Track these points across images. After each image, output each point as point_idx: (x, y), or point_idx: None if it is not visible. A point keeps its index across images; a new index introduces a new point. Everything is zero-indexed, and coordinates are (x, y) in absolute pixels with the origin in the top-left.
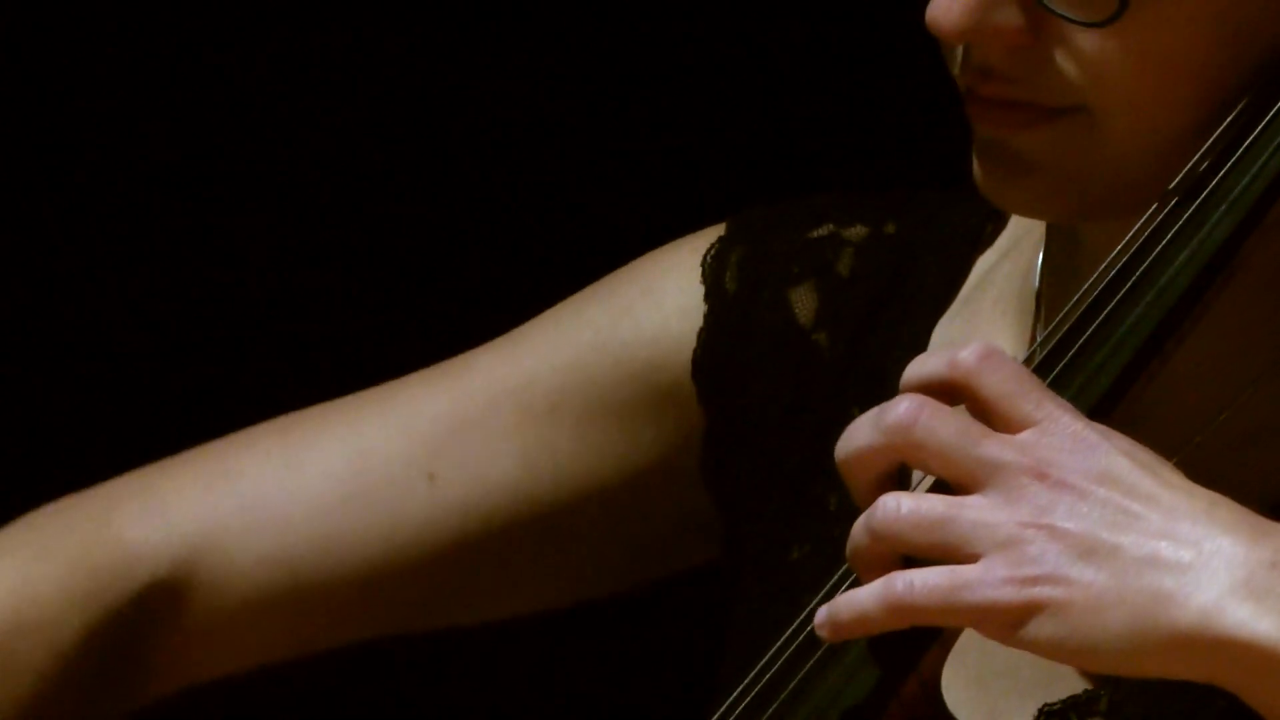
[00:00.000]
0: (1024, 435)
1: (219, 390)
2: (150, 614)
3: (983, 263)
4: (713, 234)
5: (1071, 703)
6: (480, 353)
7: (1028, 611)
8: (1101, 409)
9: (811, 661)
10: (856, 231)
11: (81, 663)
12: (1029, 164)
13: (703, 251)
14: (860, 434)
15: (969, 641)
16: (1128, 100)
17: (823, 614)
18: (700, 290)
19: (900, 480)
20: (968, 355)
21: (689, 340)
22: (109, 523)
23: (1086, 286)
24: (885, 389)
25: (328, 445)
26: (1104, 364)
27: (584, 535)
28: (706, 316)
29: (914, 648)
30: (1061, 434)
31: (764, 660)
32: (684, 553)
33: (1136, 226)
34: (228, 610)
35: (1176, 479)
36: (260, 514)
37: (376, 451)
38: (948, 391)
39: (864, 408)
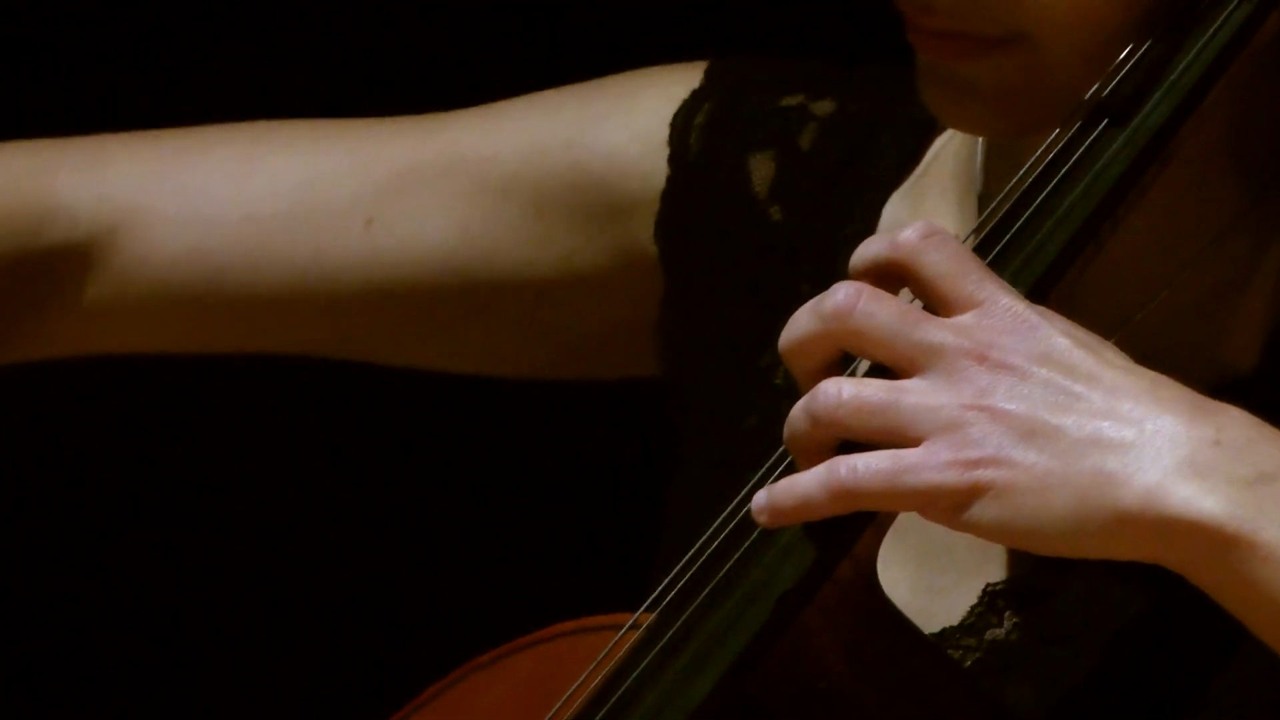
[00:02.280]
0: (964, 317)
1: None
2: (53, 274)
3: (937, 144)
4: (693, 76)
5: (1014, 584)
6: (452, 117)
7: (971, 494)
8: (1039, 290)
9: (747, 543)
10: (824, 106)
11: None
12: (972, 88)
13: (679, 96)
14: (801, 323)
15: (907, 520)
16: (1066, 25)
17: (761, 499)
18: (667, 144)
19: (844, 368)
20: (909, 235)
21: (650, 184)
22: (47, 172)
23: (1025, 169)
24: (836, 265)
25: (282, 164)
26: (1041, 245)
27: (510, 318)
28: (669, 180)
29: (849, 530)
30: (1001, 315)
31: (700, 540)
32: (611, 366)
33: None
34: (135, 292)
35: (1118, 358)
36: (197, 208)
37: (326, 183)
38: (892, 273)
39: (814, 283)
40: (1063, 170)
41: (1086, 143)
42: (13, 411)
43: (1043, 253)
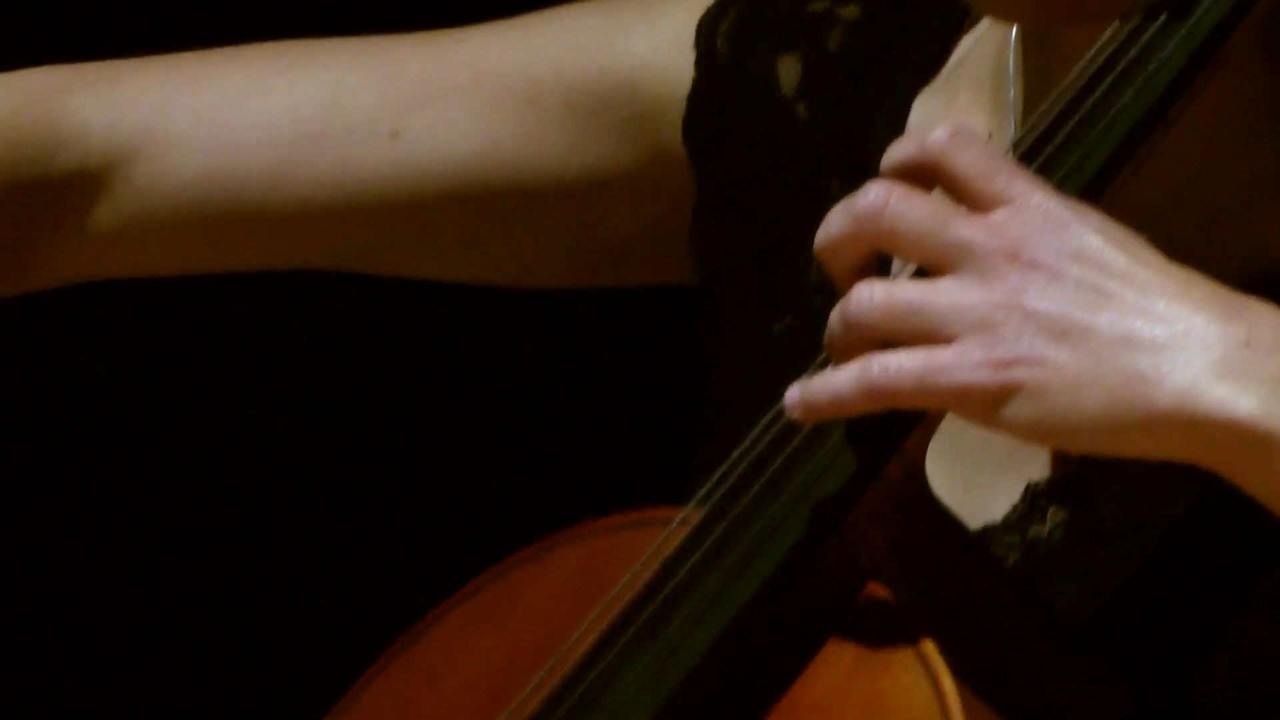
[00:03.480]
0: (996, 215)
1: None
2: (68, 200)
3: (965, 42)
4: None
5: (1057, 482)
6: (475, 30)
7: (1004, 394)
8: (1090, 194)
9: (795, 443)
10: (850, 11)
11: None
12: None
13: (704, 3)
14: (834, 222)
15: (947, 418)
16: None
17: (794, 394)
18: (693, 49)
19: (881, 268)
20: (938, 135)
21: (678, 89)
22: (58, 98)
23: (1076, 72)
24: (865, 164)
25: (300, 81)
26: (1094, 148)
27: (540, 228)
28: (696, 82)
29: (897, 429)
30: (1033, 212)
31: (748, 439)
32: (643, 273)
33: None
34: (152, 216)
35: (1150, 255)
36: (213, 129)
37: (347, 98)
38: (922, 174)
39: (844, 182)
40: (1116, 70)
41: (1141, 41)
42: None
43: (1094, 155)
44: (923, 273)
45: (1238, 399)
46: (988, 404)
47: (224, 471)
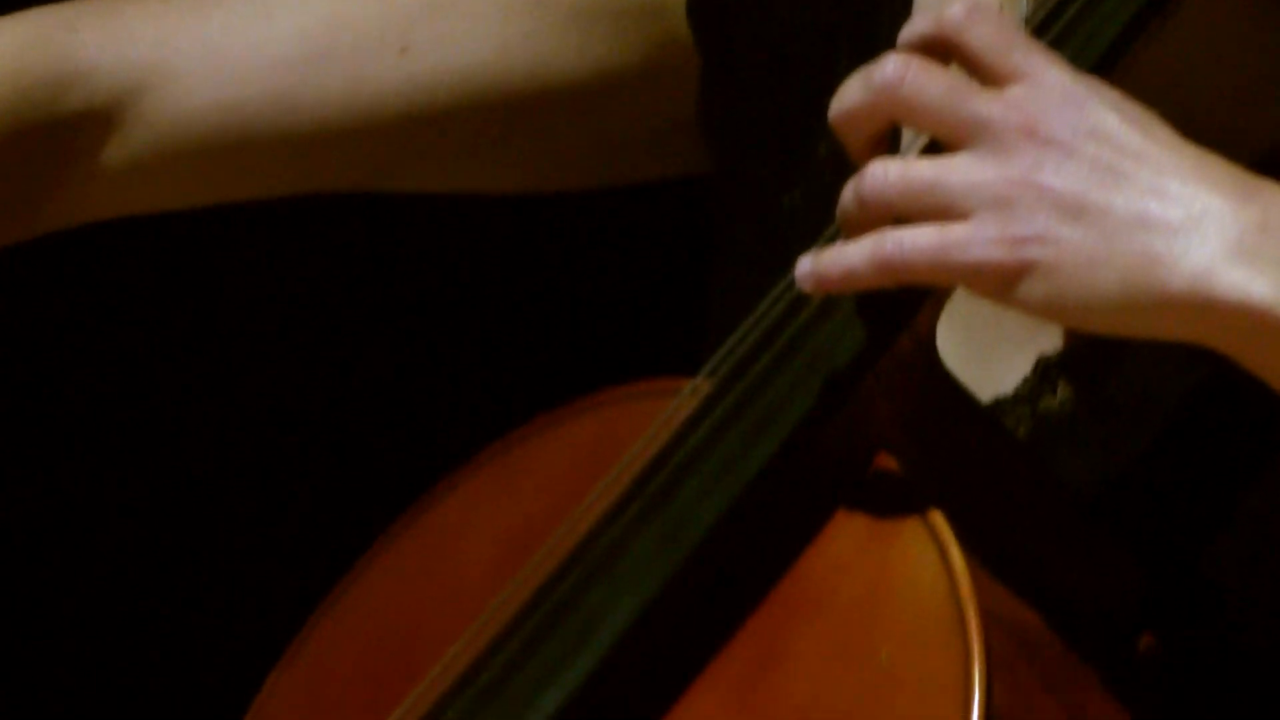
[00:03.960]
0: (1012, 90)
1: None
2: (77, 141)
3: None
4: None
5: (1068, 355)
6: None
7: (1018, 272)
8: (1101, 69)
9: (804, 315)
10: None
11: None
12: None
13: None
14: (850, 93)
15: (959, 290)
16: None
17: (805, 266)
18: None
19: (893, 144)
20: (954, 10)
21: None
22: (60, 38)
23: None
24: (874, 38)
25: (304, 2)
26: (1102, 25)
27: (554, 131)
28: None
29: (908, 302)
30: (1050, 88)
31: (758, 311)
32: (659, 165)
33: None
34: (164, 151)
35: (1165, 134)
36: (222, 59)
37: (354, 16)
38: (938, 49)
39: (852, 57)
40: None
41: None
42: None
43: (1105, 30)
44: (933, 148)
45: (1252, 283)
46: (1001, 281)
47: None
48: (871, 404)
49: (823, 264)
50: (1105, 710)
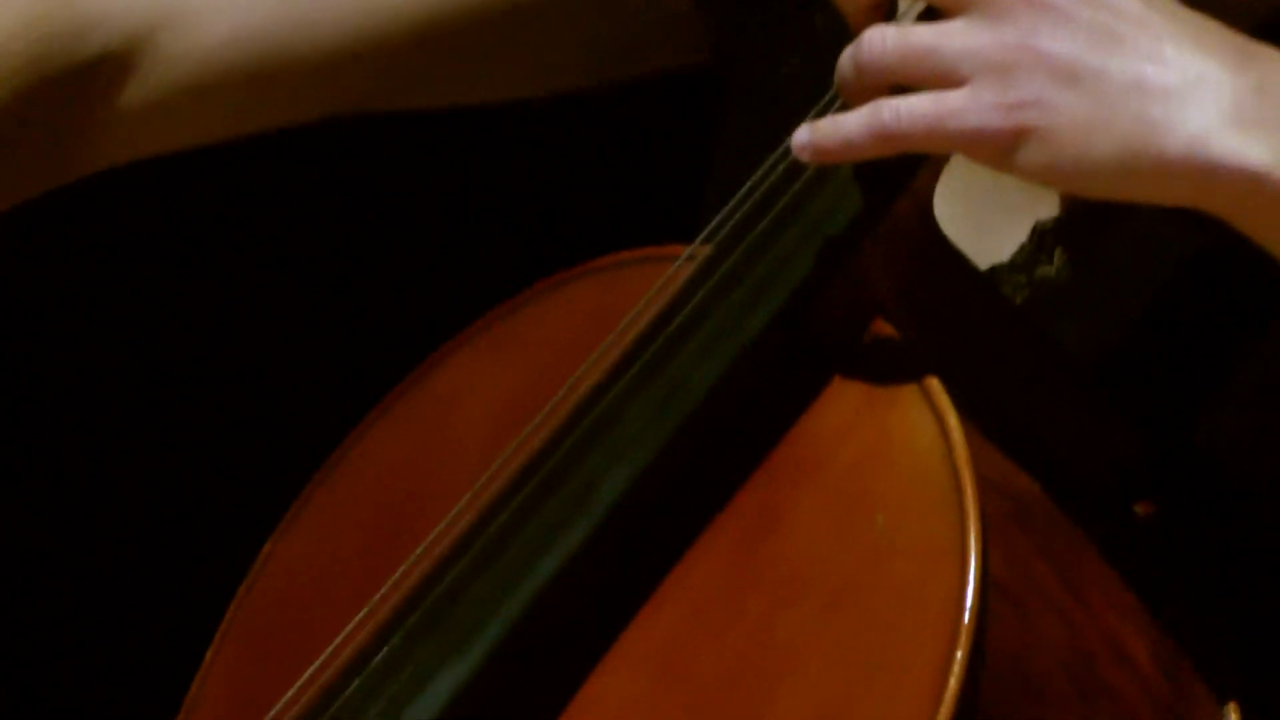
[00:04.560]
0: None
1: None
2: (96, 86)
3: None
4: None
5: (1064, 223)
6: None
7: (1016, 137)
8: None
9: (802, 180)
10: None
11: (10, 131)
12: None
13: None
14: None
15: (957, 158)
16: None
17: (803, 136)
18: None
19: (890, 12)
20: None
21: None
22: None
23: None
24: None
25: None
26: None
27: (560, 27)
28: None
29: (905, 168)
30: None
31: (754, 177)
32: (659, 58)
33: None
34: (184, 87)
35: (1163, 1)
36: None
37: None
38: None
39: None
40: None
41: None
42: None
43: None
44: (930, 15)
45: (1249, 148)
46: (999, 148)
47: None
48: (869, 270)
49: (820, 133)
50: (1101, 577)
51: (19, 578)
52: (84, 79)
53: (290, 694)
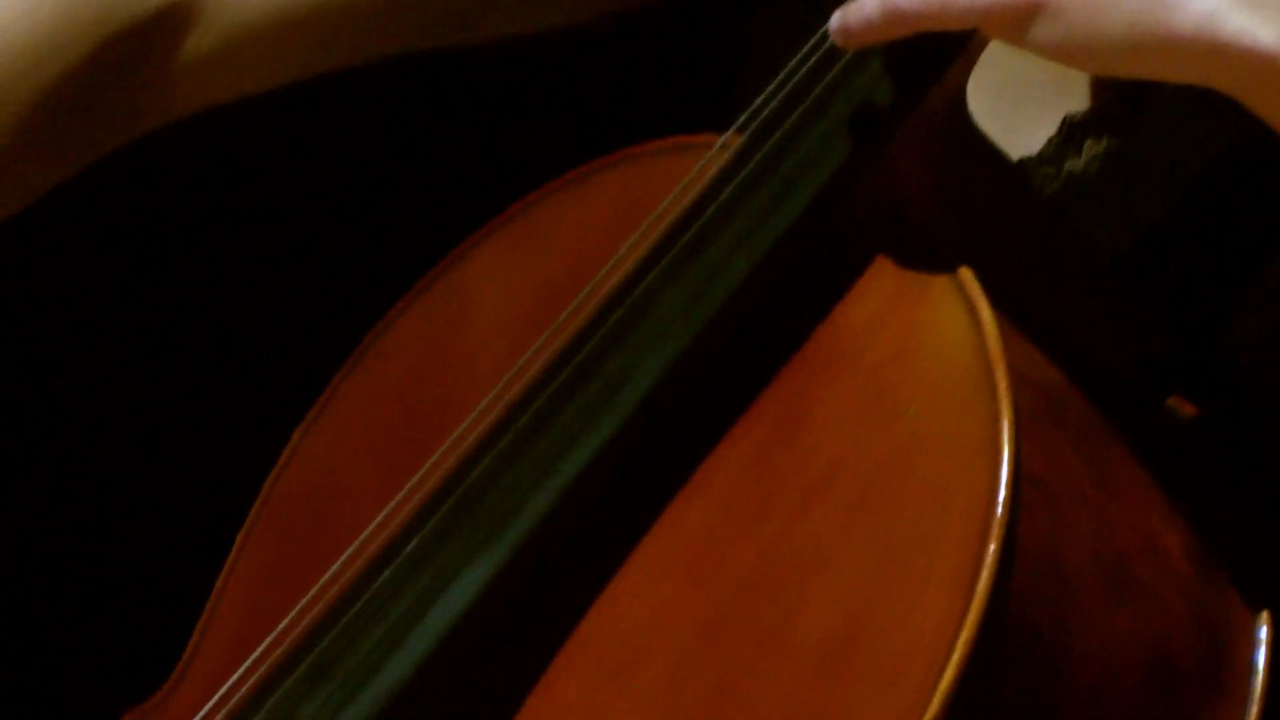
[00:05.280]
0: None
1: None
2: (157, 40)
3: None
4: None
5: (1093, 116)
6: None
7: (1027, 13)
8: None
9: (834, 71)
10: None
11: (84, 90)
12: None
13: None
14: None
15: (988, 53)
16: None
17: (836, 20)
18: None
19: None
20: None
21: None
22: None
23: None
24: None
25: None
26: None
27: None
28: None
29: (938, 59)
30: None
31: (788, 67)
32: None
33: None
34: (246, 31)
35: None
36: None
37: None
38: None
39: None
40: None
41: None
42: None
43: None
44: None
45: (1259, 28)
46: (1012, 24)
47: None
48: (902, 162)
49: (847, 16)
50: (1132, 473)
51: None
52: (150, 31)
53: (318, 587)
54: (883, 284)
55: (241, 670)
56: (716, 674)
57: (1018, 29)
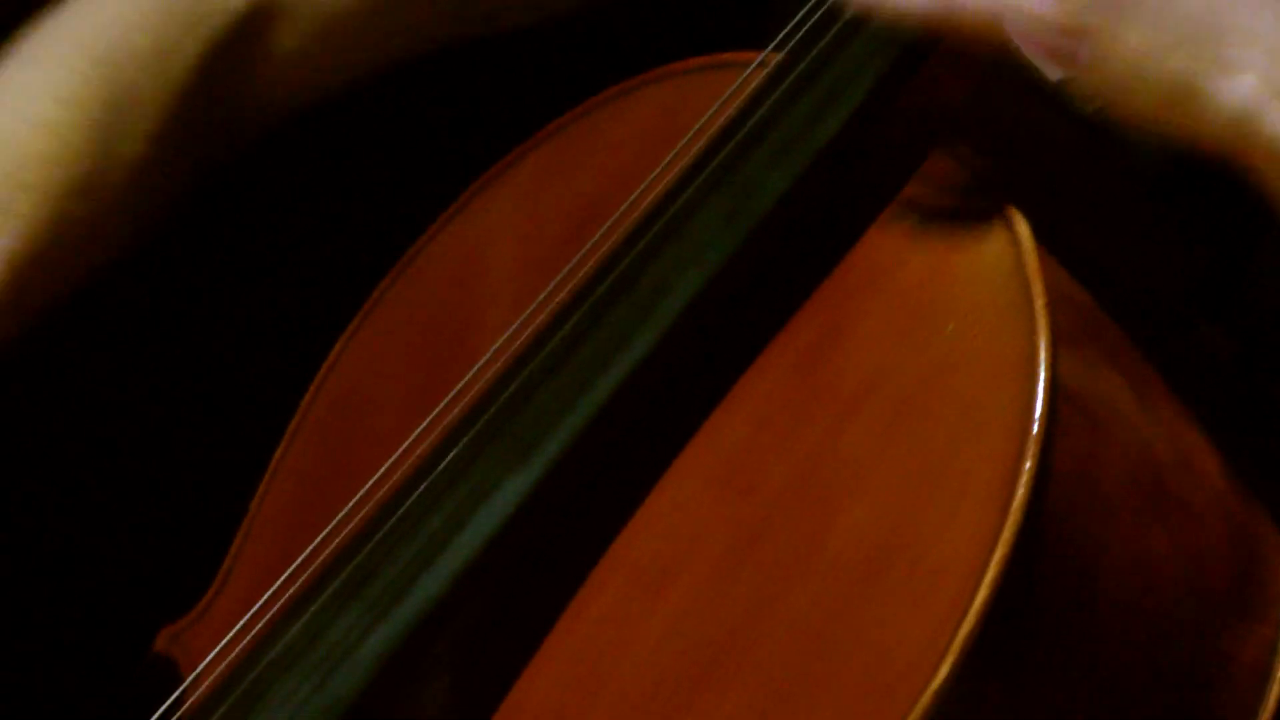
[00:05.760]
0: None
1: None
2: (249, 38)
3: None
4: None
5: None
6: None
7: (1075, 40)
8: None
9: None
10: None
11: (194, 93)
12: None
13: None
14: None
15: None
16: None
17: None
18: None
19: None
20: None
21: None
22: None
23: None
24: None
25: None
26: None
27: None
28: None
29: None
30: None
31: None
32: None
33: None
34: (320, 27)
35: None
36: None
37: None
38: None
39: None
40: None
41: None
42: None
43: None
44: None
45: None
46: (1058, 47)
47: None
48: (940, 79)
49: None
50: (1169, 395)
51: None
52: (242, 29)
53: (355, 500)
54: None
55: (278, 584)
56: (751, 586)
57: (1062, 54)
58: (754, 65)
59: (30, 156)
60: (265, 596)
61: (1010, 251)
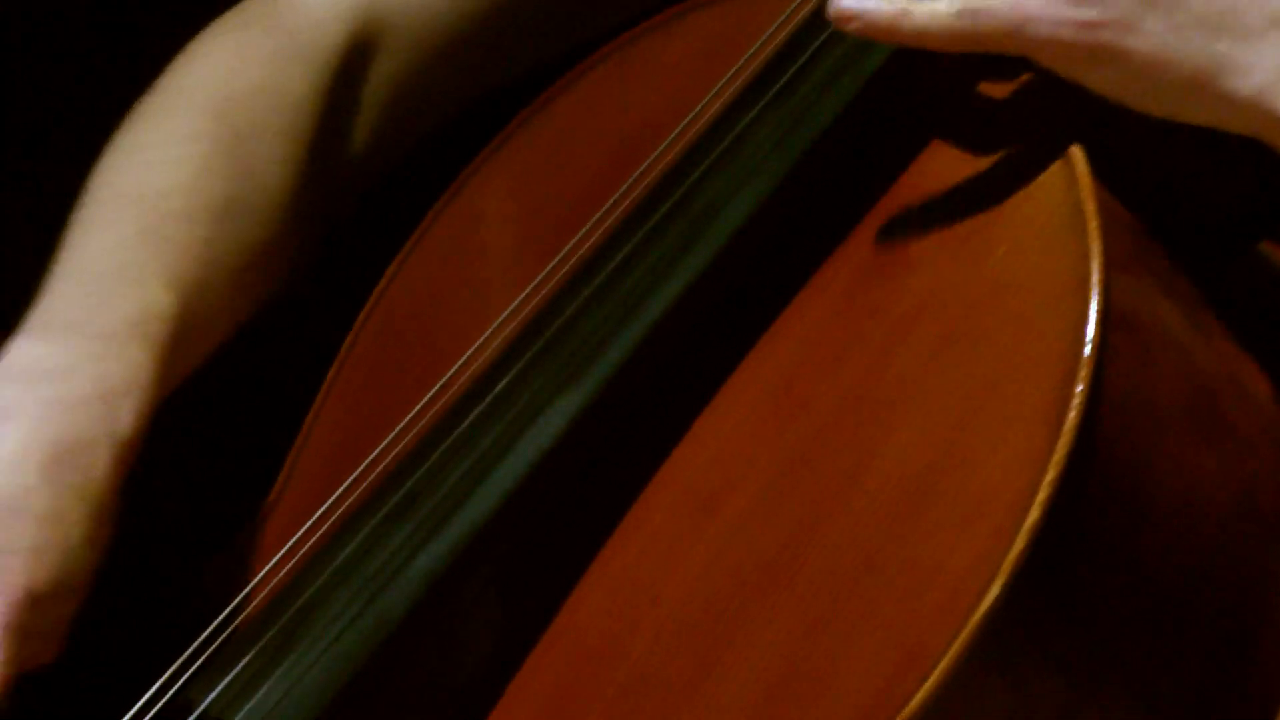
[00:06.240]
0: None
1: None
2: (352, 69)
3: None
4: None
5: None
6: None
7: (1088, 55)
8: None
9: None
10: None
11: (313, 121)
12: None
13: None
14: None
15: None
16: None
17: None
18: None
19: None
20: None
21: None
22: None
23: None
24: None
25: None
26: None
27: None
28: None
29: None
30: None
31: None
32: None
33: None
34: (419, 55)
35: None
36: None
37: None
38: None
39: None
40: None
41: None
42: None
43: None
44: None
45: None
46: (1071, 61)
47: None
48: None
49: (909, 15)
50: (1217, 321)
51: None
52: (345, 62)
53: (409, 417)
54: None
55: (329, 502)
56: (800, 506)
57: (1075, 67)
58: None
59: (174, 188)
60: (315, 516)
61: (1063, 173)
